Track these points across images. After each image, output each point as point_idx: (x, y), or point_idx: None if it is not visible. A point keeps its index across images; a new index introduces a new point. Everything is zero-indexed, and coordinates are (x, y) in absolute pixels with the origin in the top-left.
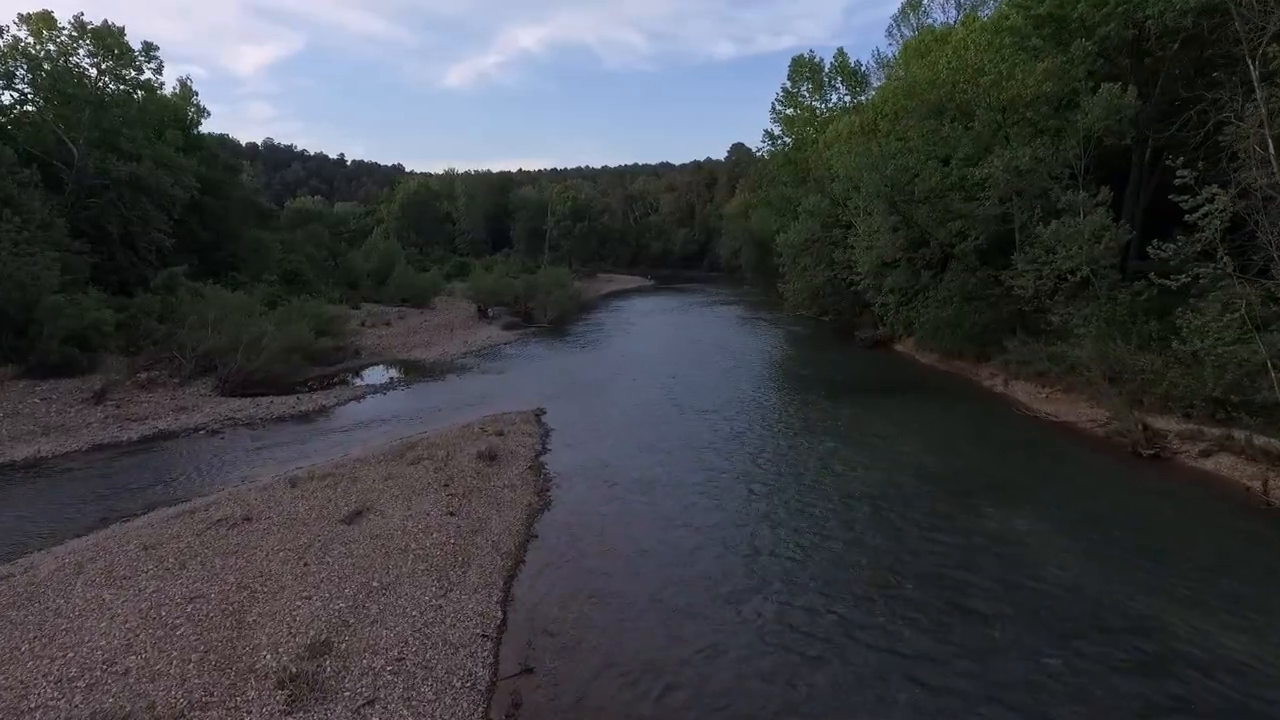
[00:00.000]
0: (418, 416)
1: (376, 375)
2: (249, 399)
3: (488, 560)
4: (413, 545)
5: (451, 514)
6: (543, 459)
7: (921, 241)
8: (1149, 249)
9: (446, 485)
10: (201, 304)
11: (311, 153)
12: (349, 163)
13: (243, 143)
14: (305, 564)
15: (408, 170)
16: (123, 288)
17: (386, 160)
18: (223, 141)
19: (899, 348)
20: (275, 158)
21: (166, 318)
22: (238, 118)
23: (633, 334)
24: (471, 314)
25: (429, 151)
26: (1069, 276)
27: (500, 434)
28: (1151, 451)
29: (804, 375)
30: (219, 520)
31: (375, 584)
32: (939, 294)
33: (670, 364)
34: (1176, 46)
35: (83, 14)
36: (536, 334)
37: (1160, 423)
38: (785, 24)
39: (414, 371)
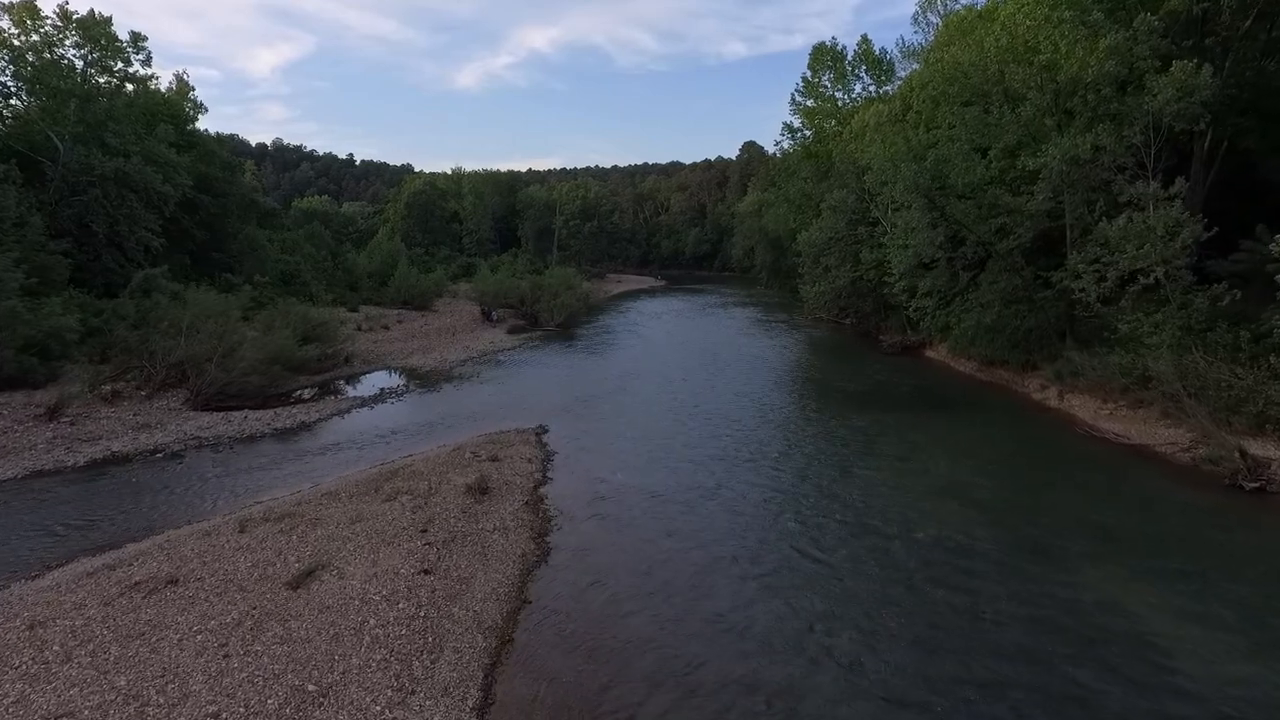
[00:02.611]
0: (406, 435)
1: (367, 386)
2: (221, 414)
3: (466, 641)
4: (371, 621)
5: (426, 572)
6: (543, 490)
7: (960, 240)
8: (1275, 245)
9: (425, 530)
10: (176, 308)
11: (321, 153)
12: (358, 163)
13: (252, 143)
14: (226, 655)
15: (416, 170)
16: (108, 290)
17: (396, 160)
18: (224, 140)
19: (930, 354)
20: (284, 158)
21: (141, 323)
22: (251, 119)
23: (644, 338)
24: (475, 316)
25: (439, 152)
26: (1140, 277)
27: (495, 459)
28: (1256, 484)
29: (829, 384)
30: (138, 582)
31: (312, 687)
32: (980, 297)
33: (683, 371)
34: (1249, 23)
35: (67, 3)
36: (542, 338)
37: (1257, 448)
38: (796, 23)
39: (408, 381)
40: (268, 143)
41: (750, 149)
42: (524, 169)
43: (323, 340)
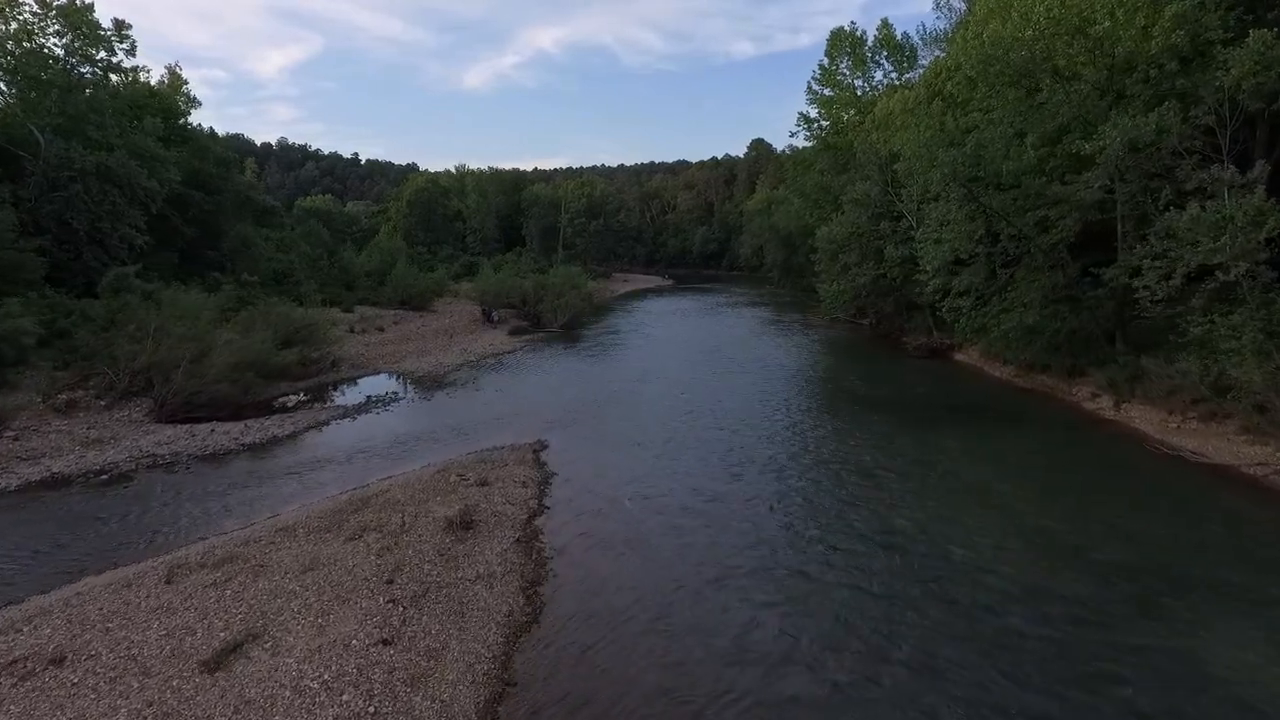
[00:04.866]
0: (387, 453)
1: (353, 394)
2: (186, 427)
3: None
4: None
5: (386, 642)
6: (538, 521)
7: (996, 235)
8: None
9: (391, 581)
10: (146, 309)
11: (325, 152)
12: (363, 162)
13: (257, 143)
14: None
15: (422, 170)
16: (90, 289)
17: (402, 160)
18: (222, 138)
19: (961, 357)
20: (289, 157)
21: (110, 325)
22: (259, 119)
23: (651, 339)
24: (475, 317)
25: (445, 152)
26: (1218, 273)
27: (484, 483)
28: None
29: (854, 392)
30: (14, 661)
31: None
32: (1020, 296)
33: (694, 375)
34: None
35: None
36: (545, 340)
37: None
38: (803, 21)
39: (399, 388)
40: (272, 142)
41: (758, 147)
42: (531, 168)
43: (306, 343)
